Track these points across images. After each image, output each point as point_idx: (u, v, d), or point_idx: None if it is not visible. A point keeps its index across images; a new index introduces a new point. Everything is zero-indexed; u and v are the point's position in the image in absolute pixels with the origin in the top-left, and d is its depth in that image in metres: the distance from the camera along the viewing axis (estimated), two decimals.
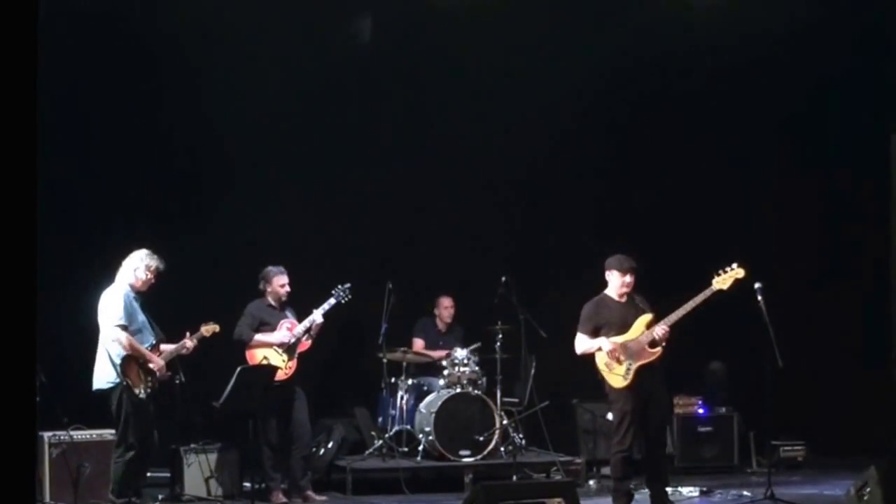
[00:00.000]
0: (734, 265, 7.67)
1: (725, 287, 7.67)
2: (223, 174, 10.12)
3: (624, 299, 7.92)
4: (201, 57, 9.89)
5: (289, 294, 8.92)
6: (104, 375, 7.52)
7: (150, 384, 7.54)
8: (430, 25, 10.58)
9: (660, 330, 7.70)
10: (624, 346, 7.76)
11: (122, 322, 7.48)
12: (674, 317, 7.71)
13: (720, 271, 7.69)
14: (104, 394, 7.57)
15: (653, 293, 8.12)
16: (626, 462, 7.89)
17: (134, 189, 9.84)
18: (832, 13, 10.51)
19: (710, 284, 7.68)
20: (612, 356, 7.75)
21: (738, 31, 10.68)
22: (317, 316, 8.79)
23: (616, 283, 7.92)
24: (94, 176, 9.61)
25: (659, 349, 7.75)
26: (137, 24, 9.73)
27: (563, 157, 11.15)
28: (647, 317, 7.82)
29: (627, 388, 7.78)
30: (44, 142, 8.70)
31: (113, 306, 7.53)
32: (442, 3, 10.44)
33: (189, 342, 7.88)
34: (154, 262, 7.72)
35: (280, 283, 8.89)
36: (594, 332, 7.89)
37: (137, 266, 7.68)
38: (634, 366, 7.73)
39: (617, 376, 7.81)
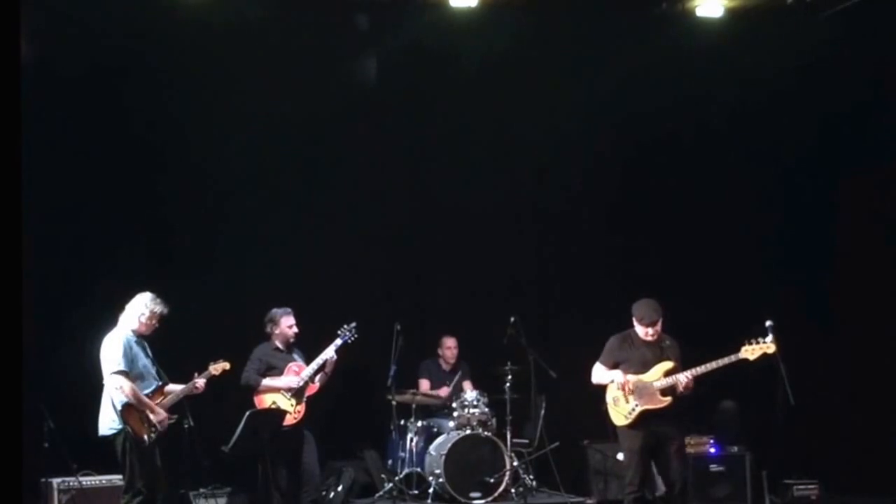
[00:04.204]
0: (768, 338, 7.50)
1: (752, 358, 7.53)
2: (228, 215, 10.11)
3: (653, 339, 7.80)
4: (208, 97, 9.92)
5: (297, 335, 8.89)
6: (108, 421, 7.46)
7: (153, 430, 7.48)
8: (438, 66, 10.60)
9: (684, 379, 7.59)
10: (637, 385, 7.70)
11: (122, 368, 7.41)
12: (694, 371, 7.62)
13: (752, 340, 7.53)
14: (109, 439, 7.51)
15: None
16: (638, 503, 7.81)
17: (138, 231, 9.83)
18: (839, 52, 10.52)
19: (737, 349, 7.55)
20: (622, 390, 7.70)
21: (748, 74, 10.73)
22: (329, 352, 8.74)
23: (640, 331, 7.81)
24: (99, 219, 9.61)
25: (669, 399, 7.65)
26: (141, 67, 9.79)
27: (573, 197, 11.17)
28: (668, 364, 7.72)
29: (629, 427, 7.73)
30: (48, 184, 8.79)
31: (112, 352, 7.46)
32: (450, 44, 10.47)
33: (200, 381, 7.81)
34: (158, 308, 7.66)
35: (288, 323, 8.86)
36: (613, 367, 7.85)
37: (142, 311, 7.63)
38: (640, 409, 7.67)
39: (620, 414, 7.78)
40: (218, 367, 7.94)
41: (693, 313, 9.21)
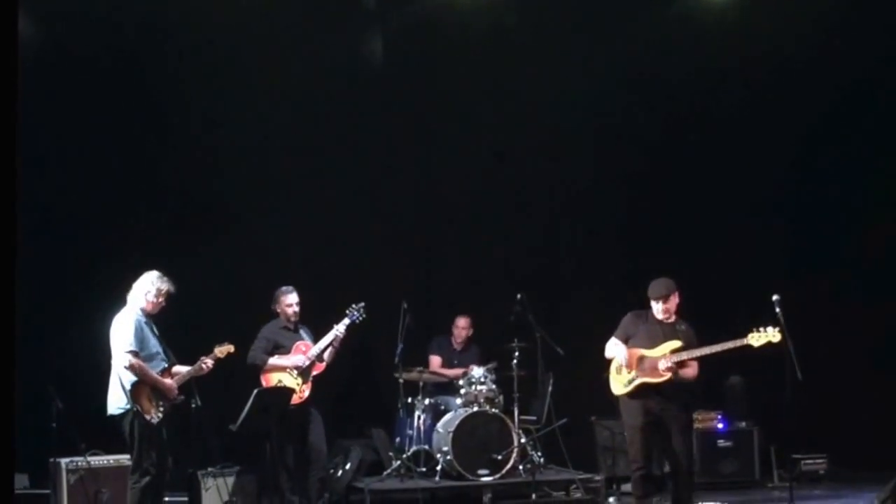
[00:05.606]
0: (775, 329, 7.48)
1: (756, 345, 7.53)
2: (237, 195, 10.12)
3: (668, 320, 7.81)
4: (215, 76, 9.91)
5: (297, 314, 8.87)
6: (116, 401, 7.48)
7: (161, 409, 7.49)
8: (445, 42, 10.57)
9: (664, 363, 7.63)
10: (640, 358, 7.74)
11: (133, 347, 7.44)
12: (696, 352, 7.63)
13: (759, 328, 7.52)
14: (117, 419, 7.53)
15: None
16: (645, 479, 7.82)
17: (146, 212, 9.84)
18: (854, 20, 10.44)
19: (744, 335, 7.54)
20: (624, 362, 7.73)
21: (759, 44, 10.66)
22: (340, 329, 8.73)
23: (654, 308, 7.83)
24: (107, 201, 9.62)
25: (669, 375, 7.66)
26: (150, 46, 9.77)
27: (582, 174, 11.12)
28: (675, 343, 7.71)
29: (627, 396, 7.76)
30: (57, 169, 8.79)
31: (124, 332, 7.48)
32: (456, 20, 10.42)
33: (209, 360, 7.82)
34: (164, 285, 7.67)
35: (287, 302, 8.85)
36: (625, 341, 7.88)
37: (148, 289, 7.64)
38: (638, 380, 7.72)
39: (619, 383, 7.85)
40: (223, 350, 7.94)
41: (703, 289, 9.17)
